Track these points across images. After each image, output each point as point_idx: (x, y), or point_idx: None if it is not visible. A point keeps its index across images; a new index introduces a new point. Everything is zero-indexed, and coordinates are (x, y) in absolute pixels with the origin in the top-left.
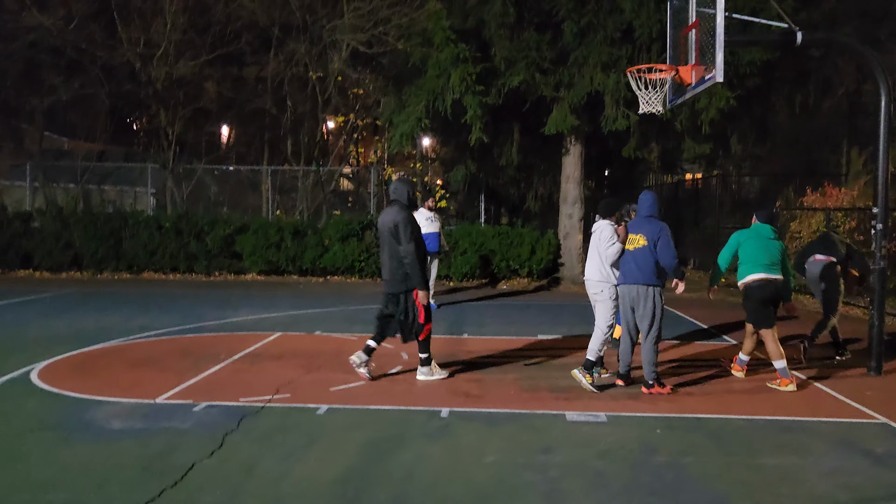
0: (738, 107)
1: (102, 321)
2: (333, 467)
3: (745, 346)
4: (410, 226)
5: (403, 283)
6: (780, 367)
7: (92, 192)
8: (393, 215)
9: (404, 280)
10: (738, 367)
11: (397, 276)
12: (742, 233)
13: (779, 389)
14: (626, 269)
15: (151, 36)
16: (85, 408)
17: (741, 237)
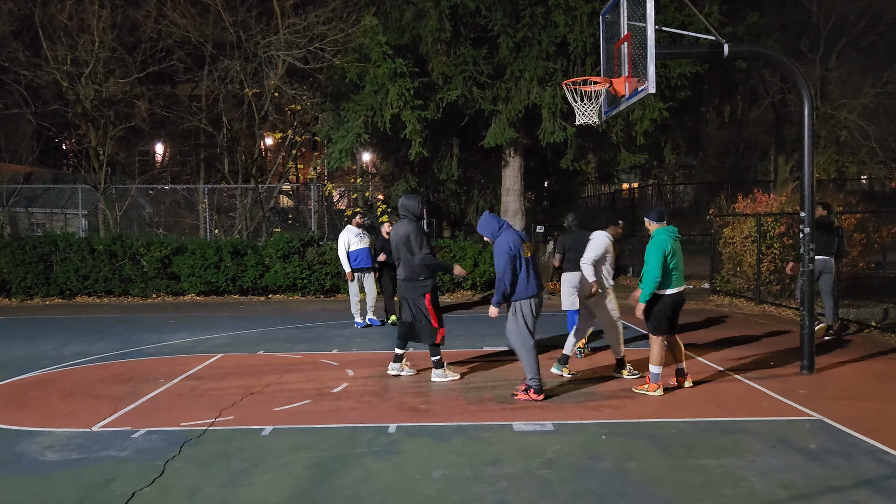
0: (670, 118)
1: (33, 349)
2: (279, 490)
3: (676, 356)
4: (421, 235)
5: (415, 290)
6: (656, 371)
7: (19, 215)
8: (405, 228)
9: (415, 288)
10: (683, 378)
11: (410, 284)
12: (665, 240)
13: (647, 394)
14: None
15: (78, 54)
16: (16, 440)
17: (667, 244)
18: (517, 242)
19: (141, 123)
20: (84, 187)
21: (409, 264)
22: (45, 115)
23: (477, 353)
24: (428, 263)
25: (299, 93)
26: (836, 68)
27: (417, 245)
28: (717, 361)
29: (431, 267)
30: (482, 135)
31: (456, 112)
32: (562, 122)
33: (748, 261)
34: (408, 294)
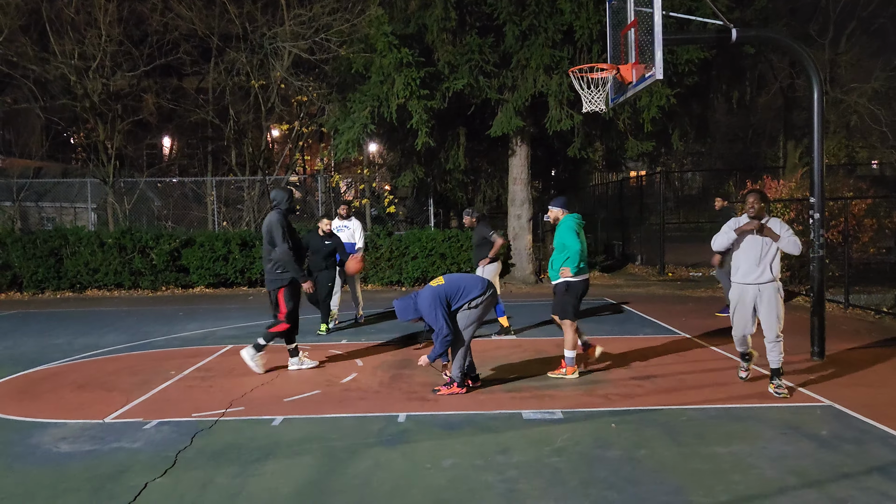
0: (677, 105)
1: (45, 342)
2: (290, 480)
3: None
4: (283, 229)
5: (274, 282)
6: (570, 355)
7: (29, 210)
8: (269, 219)
9: (274, 280)
10: (592, 348)
11: (272, 276)
12: (573, 225)
13: (564, 377)
14: None
15: (86, 48)
16: (30, 431)
17: (577, 228)
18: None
19: (148, 117)
20: (93, 181)
21: (268, 256)
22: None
23: (486, 342)
24: (282, 258)
25: (305, 84)
26: (845, 52)
27: (278, 238)
28: (726, 349)
29: (284, 263)
30: (489, 124)
31: (462, 101)
32: (569, 111)
33: None
34: (269, 285)
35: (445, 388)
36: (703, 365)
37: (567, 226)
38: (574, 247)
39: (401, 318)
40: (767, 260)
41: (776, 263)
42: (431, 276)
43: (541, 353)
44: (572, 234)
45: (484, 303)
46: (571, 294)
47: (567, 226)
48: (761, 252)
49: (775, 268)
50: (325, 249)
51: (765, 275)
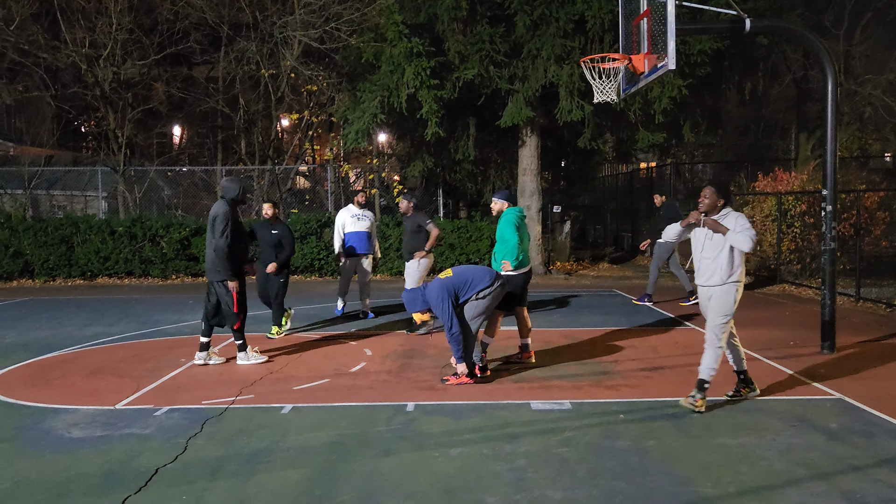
0: (689, 96)
1: (56, 329)
2: (299, 467)
3: (522, 332)
4: (226, 222)
5: (218, 272)
6: (528, 342)
7: (41, 198)
8: (215, 210)
9: (218, 270)
10: (528, 354)
11: (213, 266)
12: (514, 218)
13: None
14: None
15: (96, 36)
16: (42, 417)
17: (518, 221)
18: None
19: (159, 105)
20: (104, 169)
21: (211, 246)
22: (64, 98)
23: None
24: (216, 252)
25: (315, 73)
26: (860, 43)
27: (219, 230)
28: None
29: (218, 258)
30: (499, 114)
31: (472, 91)
32: (579, 101)
33: (768, 240)
34: (212, 276)
35: (454, 377)
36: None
37: (507, 219)
38: (512, 240)
39: (409, 310)
40: (720, 261)
41: (727, 264)
42: (440, 267)
43: (549, 343)
44: (511, 228)
45: (492, 294)
46: (511, 286)
47: (507, 219)
48: (706, 249)
49: (724, 269)
50: (272, 239)
51: (714, 277)
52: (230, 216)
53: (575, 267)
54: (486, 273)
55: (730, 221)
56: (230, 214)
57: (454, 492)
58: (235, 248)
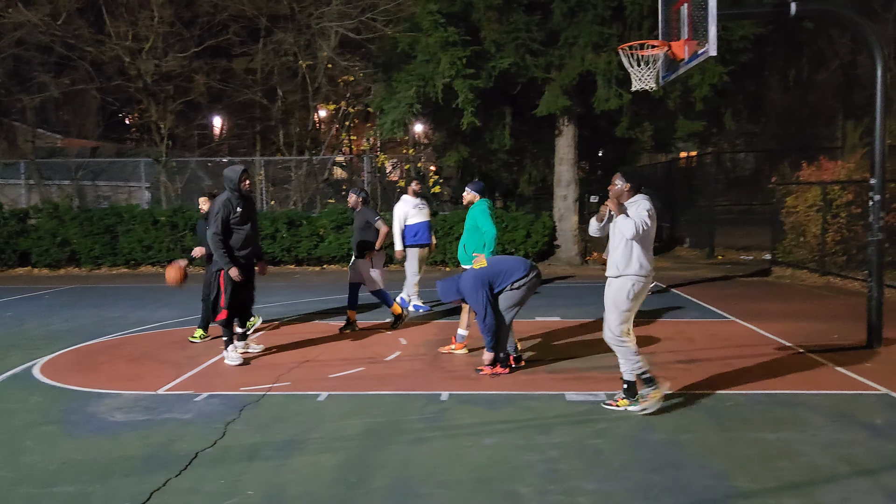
0: (730, 83)
1: (101, 316)
2: (334, 454)
3: (464, 321)
4: (220, 211)
5: (214, 264)
6: (463, 333)
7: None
8: (217, 199)
9: (215, 262)
10: (461, 345)
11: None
12: (487, 209)
13: (454, 353)
14: None
15: (139, 30)
16: (87, 401)
17: (491, 213)
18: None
19: (199, 97)
20: (146, 160)
21: (205, 236)
22: (108, 91)
23: (529, 322)
24: (212, 245)
25: (351, 64)
26: None
27: (213, 220)
28: (777, 334)
29: (212, 248)
30: (535, 103)
31: (508, 80)
32: (617, 89)
33: (812, 231)
34: (210, 266)
35: (488, 367)
36: (751, 350)
37: (482, 210)
38: (491, 232)
39: (443, 300)
40: (618, 251)
41: (622, 255)
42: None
43: (585, 334)
44: (488, 219)
45: (527, 284)
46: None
47: (482, 210)
48: (611, 240)
49: (620, 260)
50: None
51: (611, 268)
52: (229, 205)
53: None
54: (521, 263)
55: (632, 209)
56: (229, 204)
57: (487, 481)
58: (239, 238)
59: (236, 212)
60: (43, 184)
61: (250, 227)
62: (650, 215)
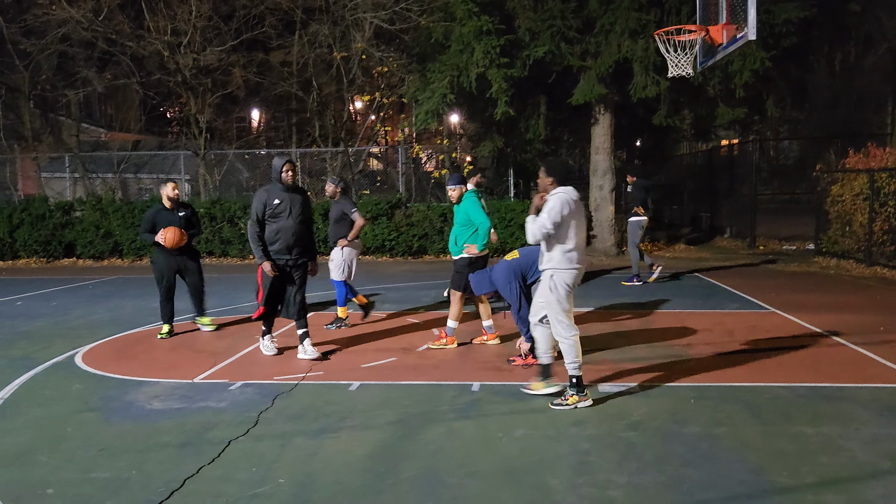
0: (773, 68)
1: (142, 306)
2: (365, 443)
3: (483, 313)
4: (256, 203)
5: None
6: (452, 326)
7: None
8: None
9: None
10: (492, 335)
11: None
12: (477, 200)
13: (445, 347)
14: None
15: (177, 24)
16: (126, 389)
17: (479, 203)
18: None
19: (236, 90)
20: (186, 153)
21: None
22: (149, 85)
23: None
24: (248, 233)
25: (386, 55)
26: None
27: (252, 211)
28: (819, 325)
29: (250, 239)
30: (570, 92)
31: (543, 69)
32: (654, 77)
33: (859, 220)
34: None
35: (520, 358)
36: (792, 342)
37: (472, 202)
38: (485, 224)
39: (476, 292)
40: (542, 246)
41: (544, 250)
42: (510, 248)
43: (619, 325)
44: (480, 210)
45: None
46: (472, 269)
47: (472, 202)
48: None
49: (543, 255)
50: (178, 222)
51: (540, 264)
52: (264, 196)
53: (649, 248)
54: None
55: (545, 206)
56: (265, 194)
57: (516, 472)
58: (275, 230)
59: (272, 203)
60: (87, 177)
61: (291, 219)
62: (561, 212)
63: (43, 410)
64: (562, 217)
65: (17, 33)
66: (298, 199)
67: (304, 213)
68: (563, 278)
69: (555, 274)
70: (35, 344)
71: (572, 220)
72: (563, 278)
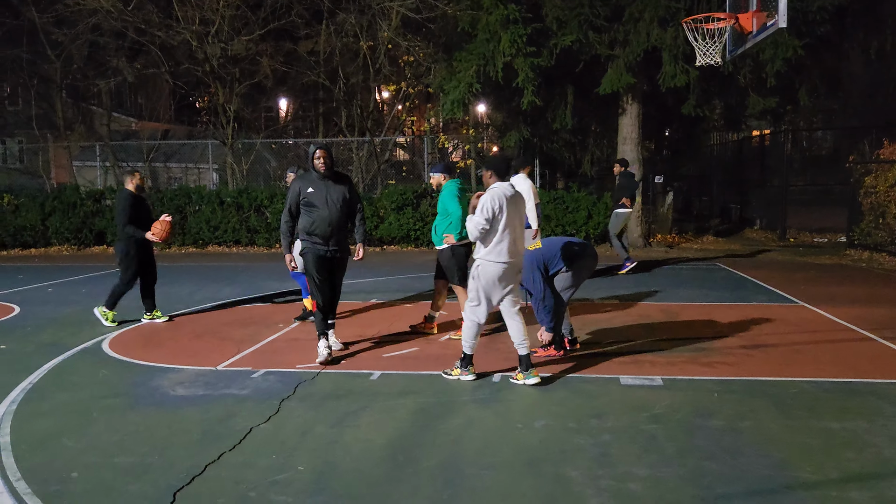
0: (806, 56)
1: (169, 293)
2: (385, 432)
3: (436, 303)
4: (290, 192)
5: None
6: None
7: (158, 170)
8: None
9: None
10: (431, 324)
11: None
12: (455, 190)
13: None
14: None
15: (206, 13)
16: (151, 375)
17: (459, 193)
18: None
19: (264, 80)
20: (214, 143)
21: None
22: (178, 75)
23: (587, 305)
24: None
25: (412, 44)
26: None
27: (286, 202)
28: (849, 319)
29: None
30: (598, 81)
31: (570, 58)
32: (684, 65)
33: (893, 211)
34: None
35: (542, 349)
36: (820, 335)
37: (450, 192)
38: (456, 212)
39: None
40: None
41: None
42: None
43: (644, 317)
44: (454, 200)
45: (582, 266)
46: (457, 259)
47: (450, 192)
48: None
49: (478, 243)
50: (150, 211)
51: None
52: (297, 185)
53: (677, 240)
54: (576, 245)
55: (479, 200)
56: (296, 183)
57: (536, 464)
58: (308, 221)
59: (306, 192)
60: (118, 165)
61: (326, 209)
62: (492, 207)
63: (70, 395)
64: (492, 212)
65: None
66: (337, 188)
67: (345, 202)
68: (486, 270)
69: (481, 265)
70: (64, 330)
71: (502, 214)
72: (488, 271)
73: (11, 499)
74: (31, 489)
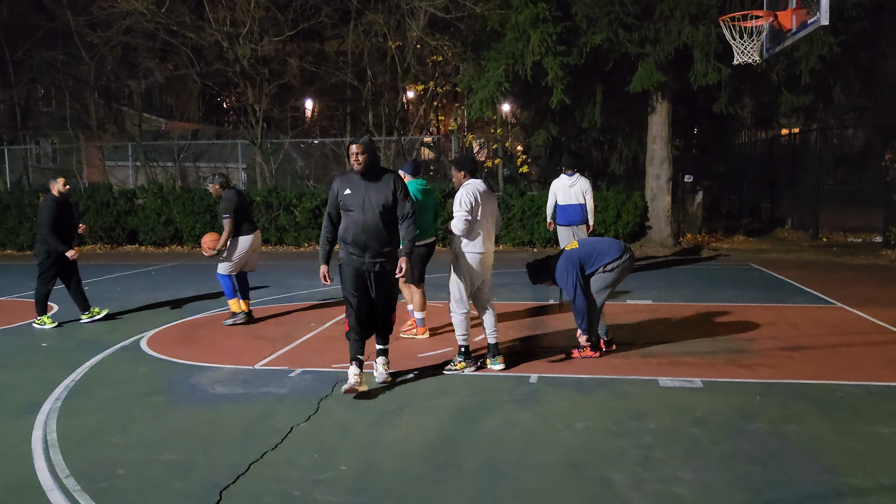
0: (841, 53)
1: (203, 292)
2: (424, 432)
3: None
4: (330, 195)
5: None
6: (420, 316)
7: (188, 169)
8: None
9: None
10: (423, 329)
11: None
12: (419, 190)
13: (415, 337)
14: None
15: (236, 15)
16: (189, 373)
17: (419, 193)
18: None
19: (293, 80)
20: (243, 142)
21: None
22: (208, 75)
23: (621, 305)
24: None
25: (441, 43)
26: None
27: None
28: (891, 321)
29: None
30: (627, 80)
31: (599, 56)
32: (716, 63)
33: None
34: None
35: (579, 351)
36: (863, 338)
37: (412, 190)
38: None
39: (533, 282)
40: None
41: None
42: None
43: (680, 318)
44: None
45: (620, 267)
46: (415, 259)
47: (412, 190)
48: None
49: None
50: (75, 215)
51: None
52: (335, 186)
53: (707, 239)
54: (614, 245)
55: (456, 199)
56: (336, 187)
57: (578, 466)
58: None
59: (343, 194)
60: (148, 165)
61: (362, 212)
62: (469, 201)
63: (111, 393)
64: (471, 205)
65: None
66: (379, 188)
67: (386, 205)
68: (469, 261)
69: (462, 258)
70: (102, 328)
71: (479, 207)
72: (469, 261)
73: (62, 495)
74: (80, 486)
